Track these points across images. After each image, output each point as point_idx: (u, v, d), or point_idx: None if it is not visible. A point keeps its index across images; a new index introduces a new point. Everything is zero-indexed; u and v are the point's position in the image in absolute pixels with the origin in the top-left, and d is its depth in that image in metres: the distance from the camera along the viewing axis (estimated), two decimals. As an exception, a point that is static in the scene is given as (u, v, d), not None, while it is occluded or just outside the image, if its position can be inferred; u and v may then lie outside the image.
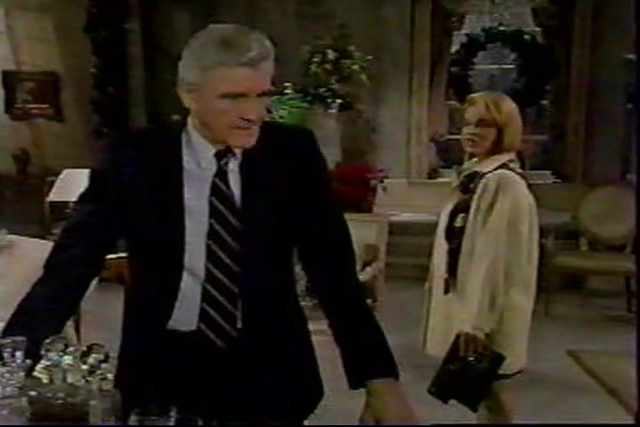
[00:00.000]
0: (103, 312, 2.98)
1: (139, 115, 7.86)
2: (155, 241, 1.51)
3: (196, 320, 1.51)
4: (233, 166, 1.51)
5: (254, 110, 1.42)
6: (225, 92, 1.40)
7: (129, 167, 1.51)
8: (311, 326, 1.70)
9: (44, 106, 7.98)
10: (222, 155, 1.50)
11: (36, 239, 2.96)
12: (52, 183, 4.99)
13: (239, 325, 1.52)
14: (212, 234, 1.49)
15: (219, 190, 1.49)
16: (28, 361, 1.21)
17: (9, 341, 1.20)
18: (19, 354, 1.19)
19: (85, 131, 7.63)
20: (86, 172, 1.61)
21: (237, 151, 1.51)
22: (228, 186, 1.50)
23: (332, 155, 6.91)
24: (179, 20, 7.74)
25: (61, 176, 4.83)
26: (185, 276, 1.50)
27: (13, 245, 2.80)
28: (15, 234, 2.87)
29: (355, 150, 7.69)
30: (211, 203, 1.49)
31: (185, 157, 1.51)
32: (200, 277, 1.50)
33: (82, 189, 1.58)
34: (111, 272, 3.55)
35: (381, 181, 7.01)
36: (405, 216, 7.09)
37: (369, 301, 4.73)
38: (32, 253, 2.12)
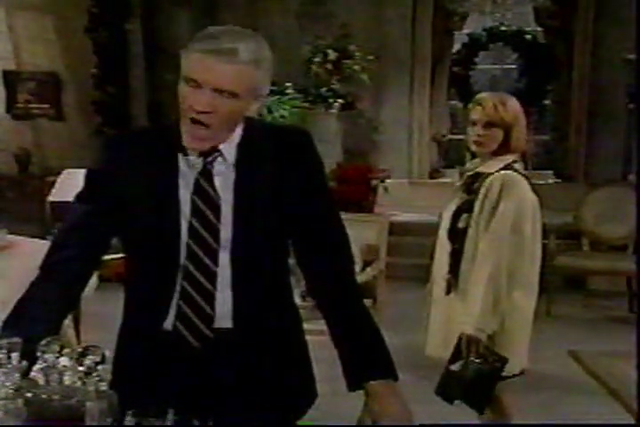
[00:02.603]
0: (103, 312, 2.97)
1: (140, 115, 7.86)
2: (151, 241, 1.50)
3: (172, 319, 1.49)
4: (226, 166, 1.50)
5: (204, 102, 1.39)
6: (184, 75, 1.41)
7: (125, 167, 1.50)
8: (310, 326, 1.70)
9: (45, 106, 7.97)
10: (208, 153, 1.49)
11: (36, 239, 2.95)
12: (53, 183, 4.99)
13: (215, 324, 1.50)
14: (191, 232, 1.48)
15: (201, 189, 1.48)
16: (24, 362, 1.20)
17: (4, 342, 1.19)
18: (14, 355, 1.18)
19: (86, 131, 7.63)
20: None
21: (226, 151, 1.50)
22: (212, 185, 1.48)
23: (333, 155, 6.91)
24: (179, 21, 7.74)
25: (61, 176, 4.82)
26: (181, 275, 1.50)
27: (13, 244, 2.78)
28: (16, 234, 2.86)
29: (356, 150, 7.68)
30: (193, 201, 1.48)
31: (179, 156, 1.50)
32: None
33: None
34: (111, 272, 3.55)
35: (383, 181, 7.00)
36: (406, 216, 7.08)
37: (369, 301, 4.70)
38: (32, 253, 2.10)
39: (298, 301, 1.73)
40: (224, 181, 1.49)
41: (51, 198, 4.97)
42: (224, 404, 1.50)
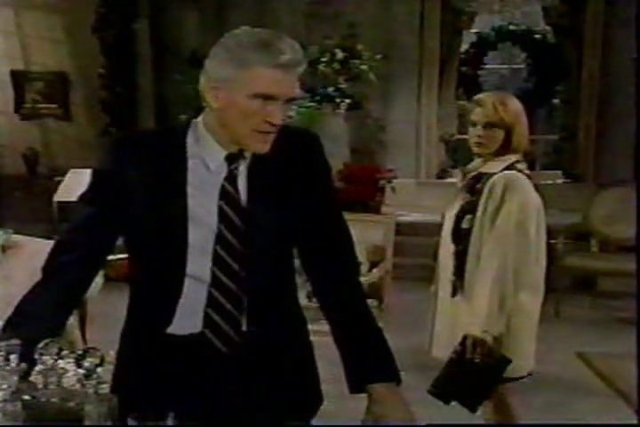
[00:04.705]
0: (109, 312, 2.95)
1: (147, 115, 7.87)
2: (155, 244, 1.49)
3: (200, 325, 1.48)
4: (241, 169, 1.50)
5: (280, 115, 1.41)
6: (257, 93, 1.39)
7: (131, 169, 1.48)
8: (315, 327, 1.69)
9: (52, 106, 8.00)
10: (234, 158, 1.48)
11: (42, 239, 2.94)
12: (60, 183, 5.01)
13: (243, 327, 1.49)
14: (220, 239, 1.47)
15: (228, 195, 1.47)
16: (23, 365, 1.19)
17: (3, 344, 1.18)
18: (12, 357, 1.17)
19: (94, 131, 7.65)
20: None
21: (247, 155, 1.49)
22: (236, 190, 1.48)
23: (340, 155, 6.89)
24: (187, 20, 7.74)
25: (67, 176, 4.84)
26: (187, 281, 1.48)
27: (19, 245, 2.78)
28: (23, 234, 2.86)
29: (363, 150, 7.67)
30: (220, 208, 1.47)
31: (191, 160, 1.49)
32: (205, 281, 1.48)
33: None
34: (118, 272, 3.55)
35: (390, 181, 6.97)
36: (414, 216, 7.06)
37: (375, 302, 4.67)
38: (38, 253, 2.10)
39: (303, 301, 1.73)
40: (240, 185, 1.49)
41: (56, 198, 4.99)
42: (228, 407, 1.49)
